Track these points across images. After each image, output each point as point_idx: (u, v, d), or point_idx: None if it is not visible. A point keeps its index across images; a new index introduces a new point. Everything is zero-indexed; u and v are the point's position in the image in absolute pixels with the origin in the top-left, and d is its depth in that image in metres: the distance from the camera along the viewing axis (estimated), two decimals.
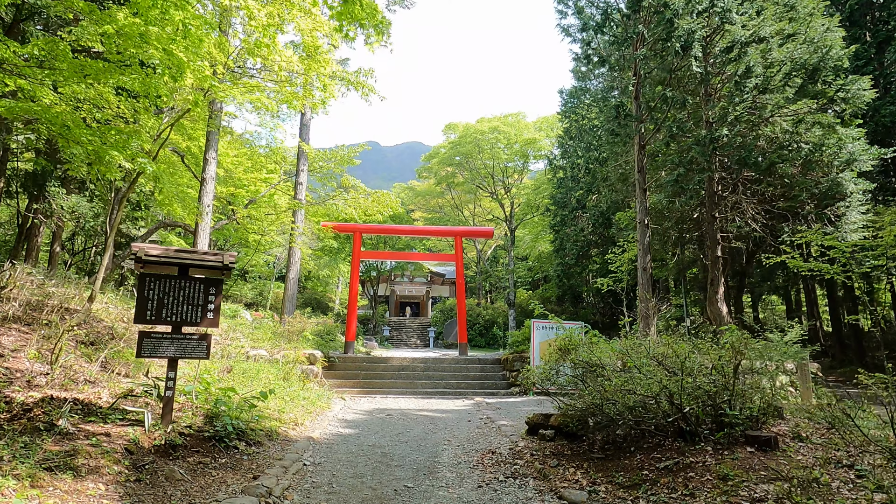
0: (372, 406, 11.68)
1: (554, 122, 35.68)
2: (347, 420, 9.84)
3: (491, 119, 35.68)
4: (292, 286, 17.06)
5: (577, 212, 30.54)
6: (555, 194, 31.71)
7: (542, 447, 7.53)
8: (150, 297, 6.31)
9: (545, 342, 13.39)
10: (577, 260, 30.09)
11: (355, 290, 16.60)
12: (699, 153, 13.55)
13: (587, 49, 14.71)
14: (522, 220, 38.46)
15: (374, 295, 40.80)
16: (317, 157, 20.70)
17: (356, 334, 33.58)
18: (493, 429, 9.32)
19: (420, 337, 39.98)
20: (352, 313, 16.43)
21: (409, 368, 14.89)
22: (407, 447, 7.81)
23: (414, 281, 48.78)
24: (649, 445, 6.60)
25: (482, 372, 14.94)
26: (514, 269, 38.07)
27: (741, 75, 13.38)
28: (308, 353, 13.59)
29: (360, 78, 12.32)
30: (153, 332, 6.30)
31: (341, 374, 14.21)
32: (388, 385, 13.85)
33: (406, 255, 25.29)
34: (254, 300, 40.17)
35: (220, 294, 6.63)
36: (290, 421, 8.65)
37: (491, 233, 17.91)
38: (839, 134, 13.72)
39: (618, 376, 6.39)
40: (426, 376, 14.52)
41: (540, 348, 13.32)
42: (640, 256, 15.47)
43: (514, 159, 36.44)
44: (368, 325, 40.06)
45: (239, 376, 10.50)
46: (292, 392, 10.39)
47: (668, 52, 13.62)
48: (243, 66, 12.41)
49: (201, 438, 6.46)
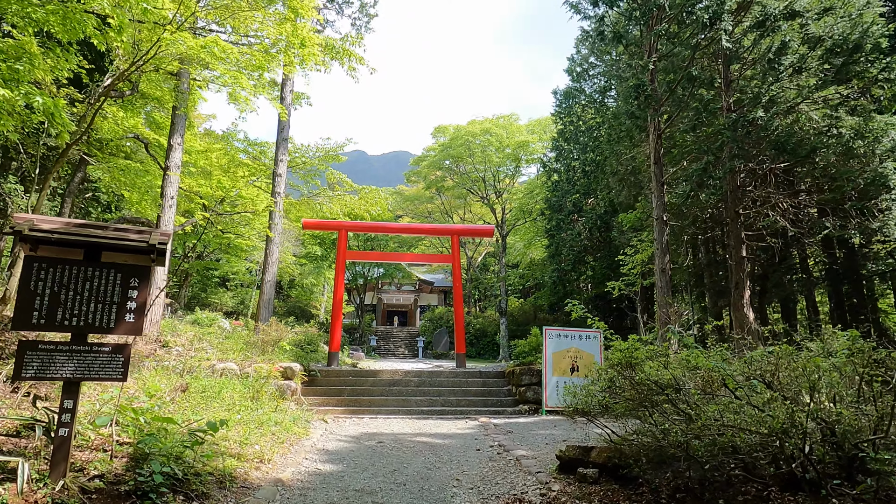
0: (359, 430, 9.63)
1: (547, 125, 34.05)
2: (329, 451, 7.80)
3: (482, 121, 33.95)
4: (269, 290, 14.95)
5: (572, 216, 28.80)
6: (550, 198, 29.96)
7: (586, 493, 5.56)
8: (40, 291, 4.27)
9: (559, 353, 11.46)
10: (573, 265, 28.30)
11: (340, 296, 14.58)
12: (729, 138, 11.80)
13: (600, 25, 12.95)
14: (514, 226, 36.69)
15: (361, 303, 38.64)
16: (299, 150, 18.72)
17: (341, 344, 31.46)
18: (510, 462, 7.34)
19: (408, 347, 37.85)
20: (336, 321, 14.39)
21: (402, 383, 12.85)
22: (406, 492, 5.80)
23: (402, 289, 46.71)
24: (746, 499, 4.70)
25: (484, 387, 12.96)
26: (506, 276, 36.22)
27: (775, 52, 11.70)
28: (285, 367, 11.51)
29: (346, 46, 10.38)
30: (42, 343, 4.26)
31: (323, 391, 12.14)
32: (379, 403, 11.81)
33: (397, 256, 23.11)
34: (235, 308, 37.81)
35: (147, 288, 4.61)
36: (254, 456, 6.59)
37: (491, 231, 15.97)
38: (879, 120, 12.10)
39: (705, 402, 4.48)
40: (421, 392, 12.50)
41: (553, 360, 11.39)
42: (658, 257, 13.66)
43: (506, 163, 34.72)
44: (355, 334, 37.89)
45: (196, 397, 8.42)
46: (261, 416, 8.32)
47: (693, 26, 11.92)
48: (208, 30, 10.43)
49: (115, 496, 4.40)
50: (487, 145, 32.75)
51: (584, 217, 28.00)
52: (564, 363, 11.41)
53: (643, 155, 18.50)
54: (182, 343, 12.61)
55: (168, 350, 12.06)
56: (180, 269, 32.93)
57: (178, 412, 7.50)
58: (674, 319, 13.59)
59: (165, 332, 12.90)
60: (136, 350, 11.10)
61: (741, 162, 12.04)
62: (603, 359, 11.67)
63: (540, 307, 38.27)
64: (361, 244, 35.93)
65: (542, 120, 34.58)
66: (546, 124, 34.04)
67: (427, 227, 21.05)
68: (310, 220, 15.10)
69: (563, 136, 30.27)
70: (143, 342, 11.86)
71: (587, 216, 27.69)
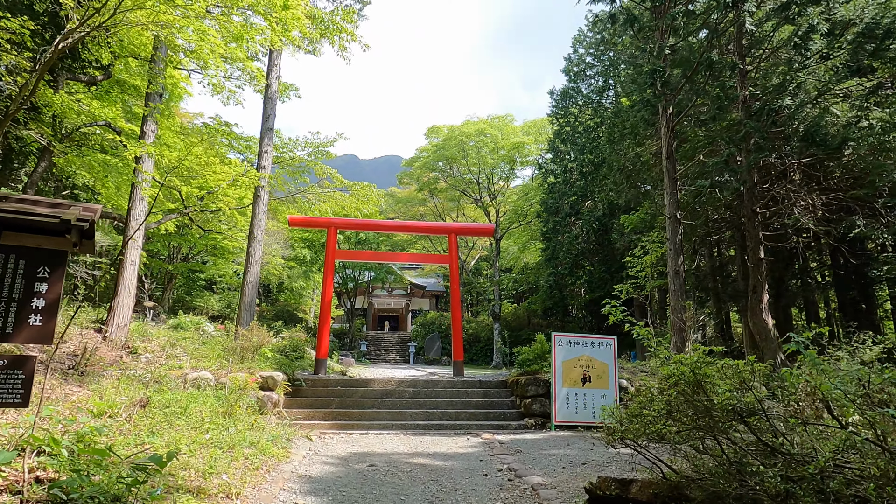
0: (348, 449, 8.39)
1: (542, 126, 33.06)
2: (313, 478, 6.56)
3: (477, 122, 32.88)
4: (251, 292, 13.64)
5: (569, 218, 27.76)
6: (546, 200, 28.90)
7: None
8: None
9: (569, 361, 10.30)
10: (570, 269, 27.22)
11: (329, 299, 13.33)
12: (754, 129, 10.75)
13: (612, 6, 11.89)
14: (508, 230, 35.60)
15: (351, 307, 37.32)
16: (287, 145, 17.49)
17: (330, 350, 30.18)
18: (525, 492, 6.15)
19: (399, 352, 36.54)
20: (324, 325, 13.14)
21: (396, 393, 11.62)
22: None
23: (393, 293, 45.44)
24: None
25: (486, 398, 11.76)
26: (500, 280, 35.10)
27: (802, 36, 10.69)
28: (265, 376, 10.24)
29: (337, 20, 9.19)
30: None
31: (309, 402, 10.88)
32: (370, 416, 10.57)
33: (390, 256, 21.74)
34: (221, 312, 36.34)
35: (61, 280, 3.40)
36: (220, 490, 5.34)
37: (492, 230, 14.77)
38: None
39: (808, 435, 3.35)
40: (417, 403, 11.27)
41: (563, 369, 10.22)
42: (671, 258, 12.57)
43: (501, 165, 33.68)
44: (344, 339, 36.55)
45: (158, 413, 7.15)
46: (234, 435, 7.06)
47: (714, 7, 10.88)
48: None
49: None
50: (482, 146, 31.69)
51: (582, 220, 26.96)
52: (575, 373, 10.25)
53: (647, 153, 17.48)
54: (153, 349, 11.31)
55: (136, 357, 10.75)
56: (165, 271, 31.46)
57: (132, 433, 6.24)
58: (689, 325, 12.50)
59: (135, 337, 11.59)
60: (99, 357, 9.80)
61: (765, 155, 10.98)
62: (617, 368, 10.54)
63: (534, 312, 37.19)
64: (353, 245, 34.66)
65: (538, 121, 33.61)
66: (541, 126, 33.07)
67: (423, 224, 19.74)
68: (296, 217, 13.82)
69: (559, 138, 29.28)
70: (107, 348, 10.55)
71: (585, 219, 26.66)
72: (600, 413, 6.76)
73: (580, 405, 10.08)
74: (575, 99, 29.23)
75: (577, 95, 29.24)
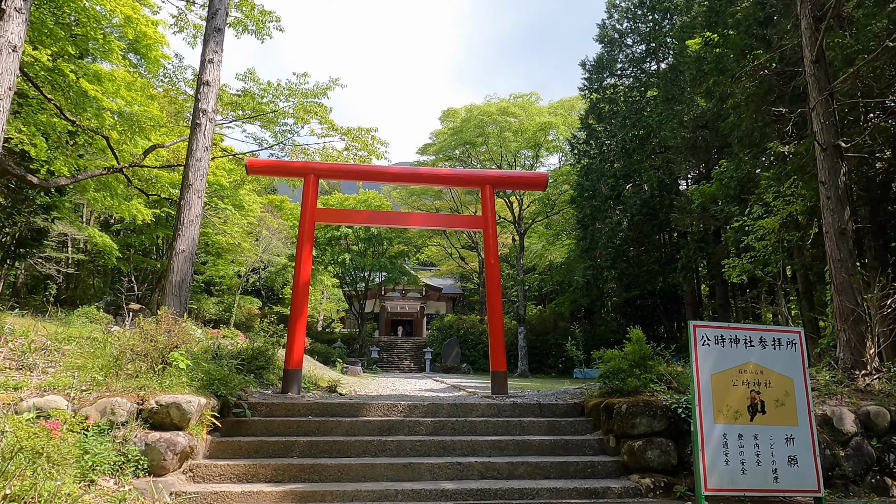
0: None
1: (572, 105, 28.22)
2: None
3: (498, 102, 28.14)
4: (182, 266, 8.63)
5: (609, 202, 22.74)
6: (582, 183, 23.93)
7: None
8: None
9: (723, 374, 5.30)
10: (612, 261, 22.17)
11: (306, 279, 8.51)
12: None
13: None
14: (533, 223, 30.69)
15: (361, 311, 32.51)
16: (265, 90, 12.82)
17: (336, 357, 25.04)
18: None
19: (414, 359, 31.57)
20: (298, 319, 8.31)
21: (405, 429, 6.66)
22: None
23: (407, 296, 40.60)
24: None
25: (553, 433, 6.77)
26: (524, 279, 30.11)
27: None
28: (165, 404, 5.38)
29: None
30: None
31: (255, 447, 5.97)
32: (357, 475, 5.64)
33: (395, 218, 15.68)
34: (219, 316, 31.66)
35: None
36: None
37: (544, 179, 9.55)
38: None
39: None
40: (438, 449, 6.29)
41: (713, 389, 5.25)
42: (830, 211, 7.56)
43: (524, 151, 28.88)
44: (354, 345, 31.68)
45: None
46: None
47: None
48: None
49: None
50: (505, 128, 26.90)
51: (624, 204, 21.97)
52: (736, 395, 5.24)
53: (740, 94, 12.59)
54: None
55: None
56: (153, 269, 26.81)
57: None
58: (875, 312, 7.44)
59: None
60: None
61: None
62: (809, 385, 5.49)
63: (560, 315, 32.17)
64: (363, 244, 29.93)
65: (566, 100, 28.77)
66: (570, 105, 28.22)
67: (445, 172, 12.76)
68: (257, 160, 9.02)
69: (594, 113, 24.38)
70: None
71: (629, 202, 21.65)
72: (791, 474, 3.68)
73: (749, 457, 5.08)
74: (612, 69, 24.35)
75: (614, 65, 24.36)
